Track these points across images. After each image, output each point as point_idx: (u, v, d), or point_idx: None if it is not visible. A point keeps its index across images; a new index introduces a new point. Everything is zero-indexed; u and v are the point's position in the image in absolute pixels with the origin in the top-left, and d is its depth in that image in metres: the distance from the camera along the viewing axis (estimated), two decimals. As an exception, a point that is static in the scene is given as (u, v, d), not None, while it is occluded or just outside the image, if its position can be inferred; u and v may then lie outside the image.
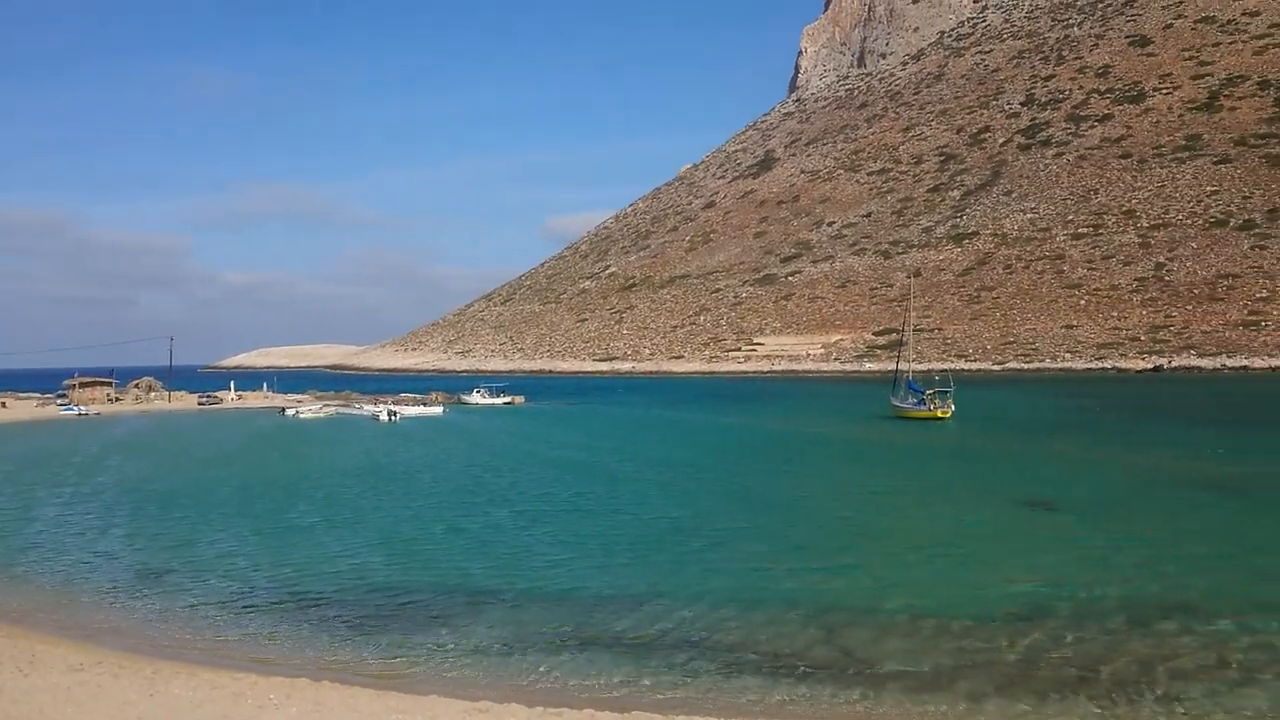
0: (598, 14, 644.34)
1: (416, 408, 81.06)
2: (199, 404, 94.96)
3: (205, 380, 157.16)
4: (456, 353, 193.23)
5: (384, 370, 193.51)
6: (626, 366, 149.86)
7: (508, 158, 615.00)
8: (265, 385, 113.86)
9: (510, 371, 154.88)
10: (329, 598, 19.87)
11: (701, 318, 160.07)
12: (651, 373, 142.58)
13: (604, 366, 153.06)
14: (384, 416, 73.83)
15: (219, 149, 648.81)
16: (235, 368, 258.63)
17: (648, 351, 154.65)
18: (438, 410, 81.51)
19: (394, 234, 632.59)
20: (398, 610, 18.86)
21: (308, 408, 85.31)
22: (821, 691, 14.07)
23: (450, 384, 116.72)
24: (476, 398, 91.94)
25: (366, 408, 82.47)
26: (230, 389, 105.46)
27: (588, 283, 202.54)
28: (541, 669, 15.34)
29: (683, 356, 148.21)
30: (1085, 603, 18.07)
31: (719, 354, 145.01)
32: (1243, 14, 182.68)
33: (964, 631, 16.51)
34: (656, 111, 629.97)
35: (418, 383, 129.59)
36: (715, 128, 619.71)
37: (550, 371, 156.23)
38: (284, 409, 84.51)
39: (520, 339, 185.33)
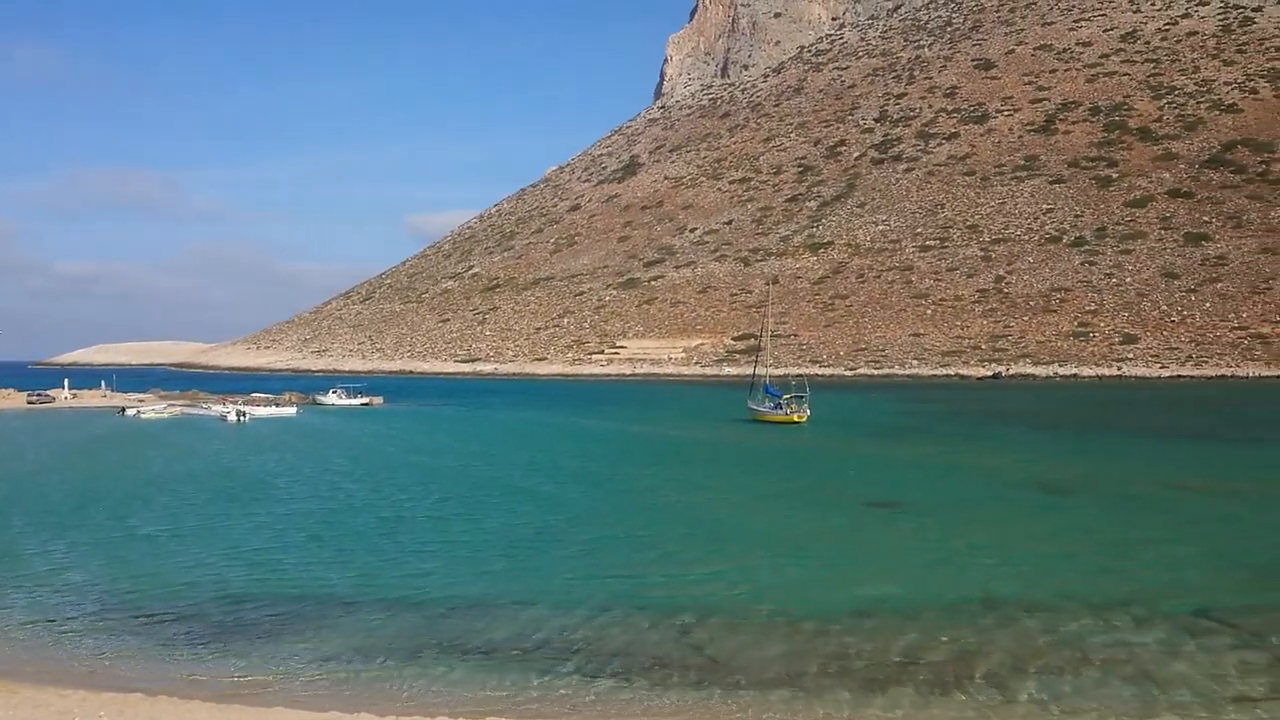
0: (463, 12, 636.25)
1: (268, 408, 78.19)
2: (28, 402, 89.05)
3: (36, 377, 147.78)
4: (312, 352, 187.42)
5: (234, 369, 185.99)
6: (489, 368, 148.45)
7: (366, 153, 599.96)
8: (104, 383, 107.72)
9: (369, 372, 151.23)
10: (171, 610, 19.00)
11: (565, 320, 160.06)
12: (514, 375, 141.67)
13: (466, 368, 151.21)
14: (232, 417, 70.89)
15: (45, 130, 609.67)
16: (71, 364, 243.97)
17: (511, 353, 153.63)
18: (291, 411, 78.85)
19: (244, 228, 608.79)
20: (245, 622, 18.19)
21: (150, 408, 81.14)
22: (678, 695, 14.31)
23: (305, 384, 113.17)
24: (333, 398, 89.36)
25: (214, 408, 79.01)
26: (64, 387, 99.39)
27: (450, 283, 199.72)
28: (396, 679, 15.09)
29: (546, 358, 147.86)
30: (936, 602, 18.89)
31: (582, 356, 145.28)
32: (1077, 43, 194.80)
33: (821, 632, 17.05)
34: (522, 113, 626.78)
35: (271, 382, 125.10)
36: (581, 131, 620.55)
37: (411, 372, 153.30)
38: (124, 409, 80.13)
39: (380, 339, 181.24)
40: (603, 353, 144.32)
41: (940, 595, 19.30)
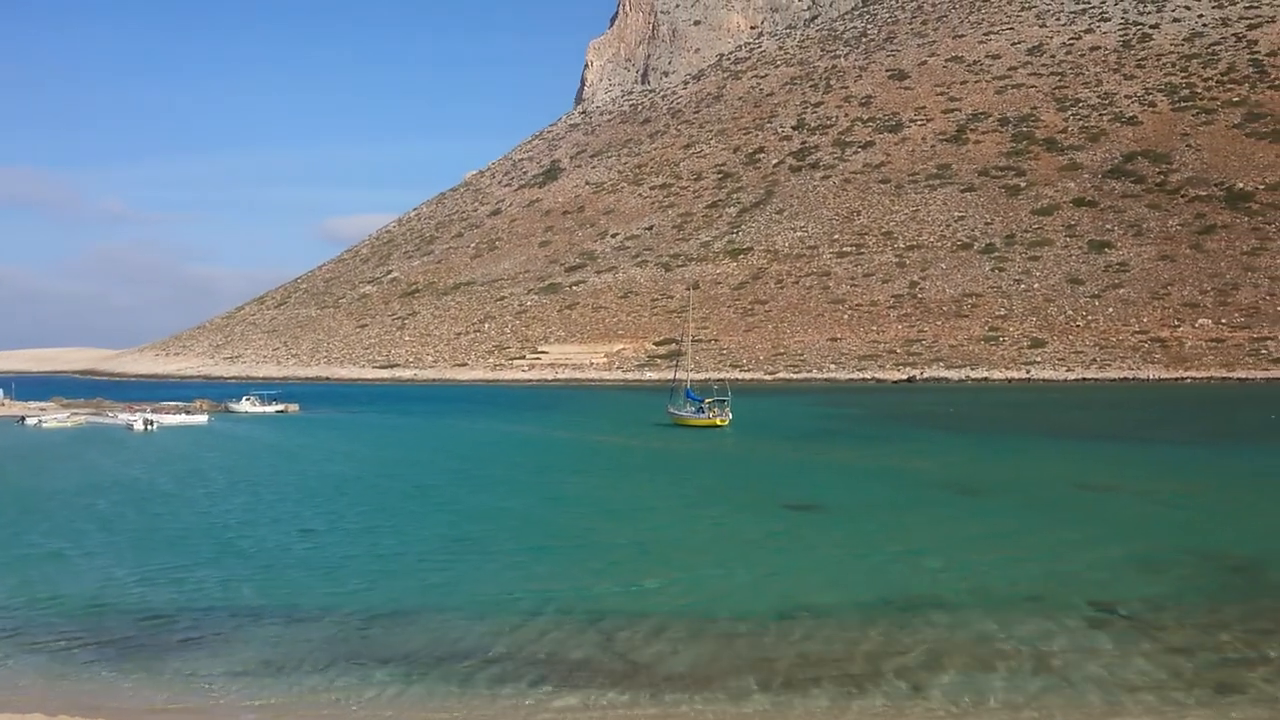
0: (381, 12, 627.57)
1: (178, 416, 75.98)
2: None
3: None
4: (225, 358, 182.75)
5: (143, 376, 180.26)
6: (408, 374, 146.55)
7: (281, 154, 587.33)
8: (1, 390, 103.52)
9: (284, 378, 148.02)
10: (75, 630, 18.36)
11: (486, 325, 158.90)
12: (434, 380, 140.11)
13: (385, 374, 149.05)
14: (140, 426, 68.66)
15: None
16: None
17: (430, 359, 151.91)
18: (202, 419, 76.78)
19: (150, 230, 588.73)
20: (155, 639, 17.69)
21: (53, 416, 78.14)
22: (600, 700, 14.37)
23: (218, 391, 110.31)
24: (246, 406, 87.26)
25: (121, 416, 76.43)
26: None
27: (369, 287, 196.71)
28: (313, 692, 14.86)
29: (466, 364, 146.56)
30: (854, 603, 19.27)
31: (503, 362, 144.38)
32: (986, 56, 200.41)
33: (743, 634, 17.27)
34: (441, 116, 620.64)
35: (182, 390, 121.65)
36: (501, 136, 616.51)
37: (328, 379, 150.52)
38: (23, 417, 77.10)
39: (295, 344, 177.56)
40: (524, 358, 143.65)
41: (858, 596, 19.72)
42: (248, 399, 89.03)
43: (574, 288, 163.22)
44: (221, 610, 19.43)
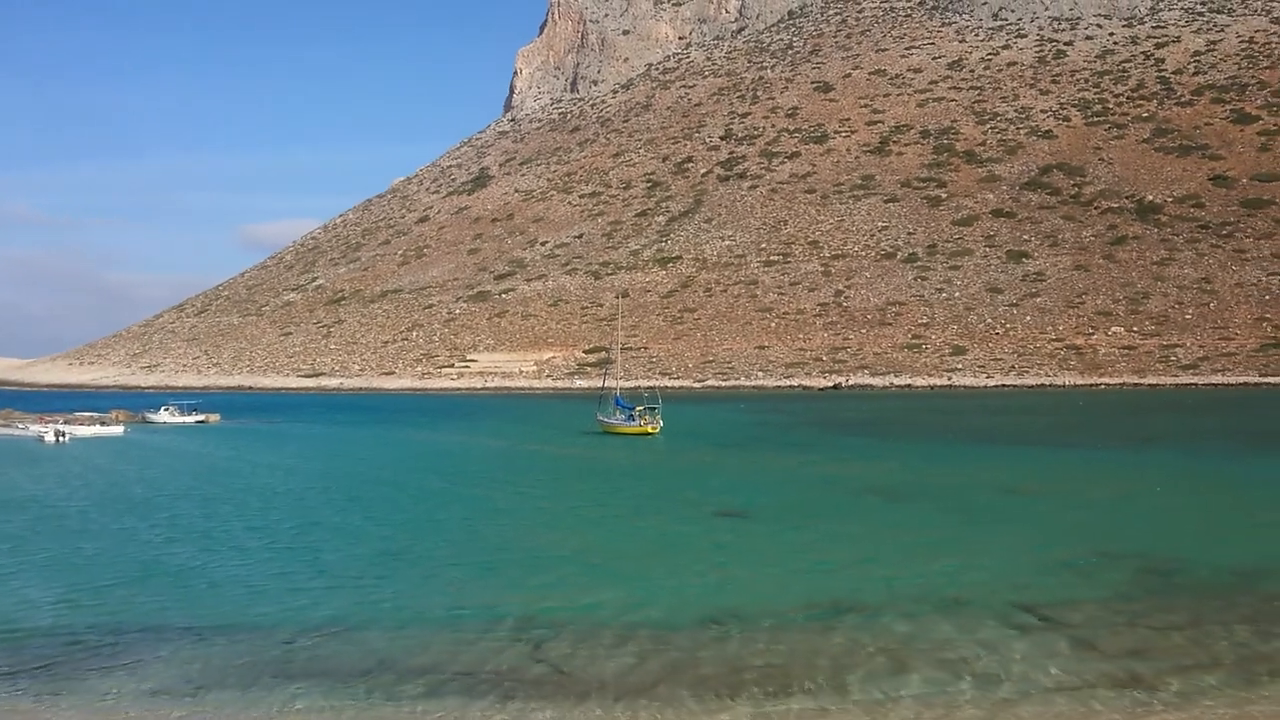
0: (307, 16, 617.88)
1: (92, 427, 73.62)
2: None
3: None
4: (142, 367, 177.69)
5: (56, 386, 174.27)
6: (334, 383, 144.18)
7: (201, 159, 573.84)
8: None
9: (205, 388, 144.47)
10: (-16, 645, 17.78)
11: (414, 333, 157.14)
12: (361, 389, 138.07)
13: (310, 383, 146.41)
14: (50, 438, 66.39)
15: None
16: None
17: (357, 367, 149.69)
18: (118, 430, 74.55)
19: (60, 235, 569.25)
20: (70, 659, 17.17)
21: (-43, 430, 75.23)
22: (527, 709, 14.37)
23: (135, 401, 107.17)
24: (165, 416, 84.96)
25: (31, 427, 73.84)
26: None
27: (293, 295, 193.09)
28: (233, 707, 14.60)
29: (394, 373, 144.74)
30: (781, 607, 19.55)
31: (431, 370, 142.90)
32: (908, 70, 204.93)
33: (670, 641, 17.41)
34: (367, 122, 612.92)
35: (97, 400, 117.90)
36: (428, 142, 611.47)
37: (250, 388, 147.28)
38: (-74, 432, 74.08)
39: (217, 353, 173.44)
40: (453, 366, 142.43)
41: (786, 601, 20.02)
42: (166, 409, 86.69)
43: (503, 296, 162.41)
44: (142, 630, 18.95)
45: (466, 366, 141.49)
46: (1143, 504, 32.69)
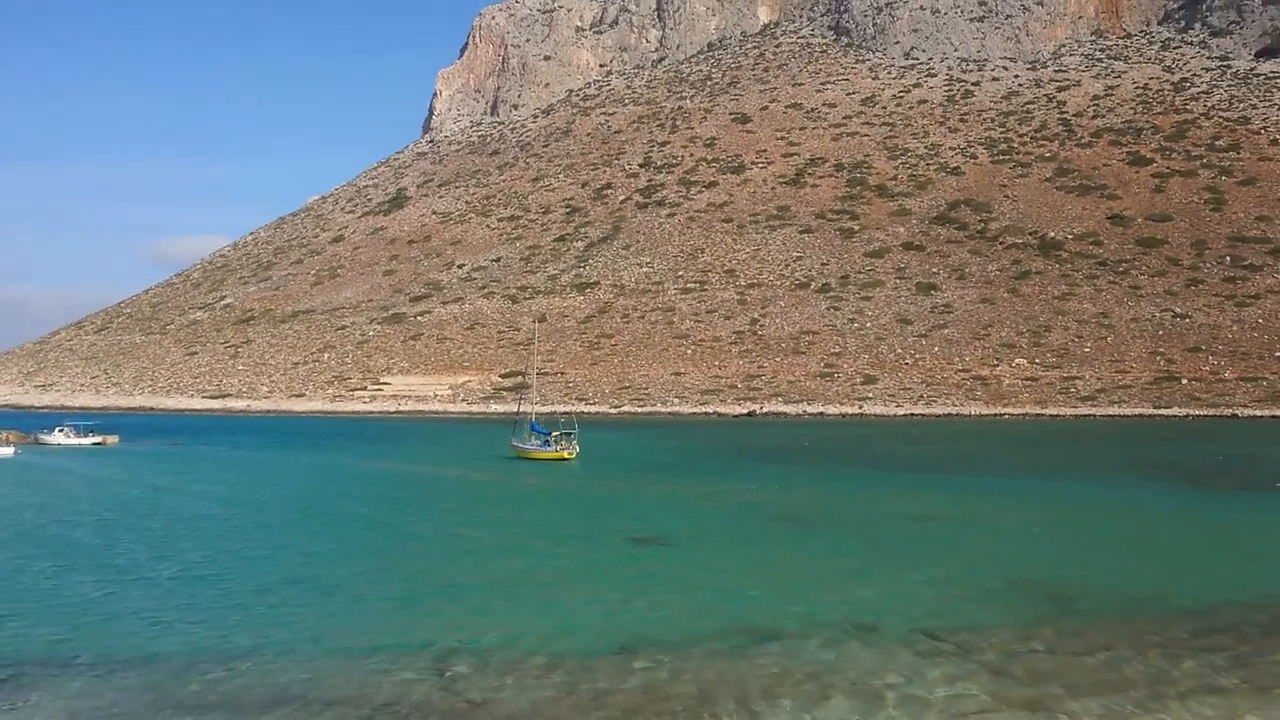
0: (221, 26, 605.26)
1: (-19, 450, 70.32)
2: None
3: None
4: (36, 386, 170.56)
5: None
6: (241, 404, 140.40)
7: (104, 168, 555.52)
8: None
9: (103, 408, 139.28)
10: None
11: (326, 355, 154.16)
12: (269, 411, 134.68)
13: (215, 404, 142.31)
14: (-63, 460, 63.30)
15: None
16: None
17: (265, 389, 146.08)
18: (8, 451, 71.28)
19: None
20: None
21: None
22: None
23: (27, 421, 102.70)
24: (59, 437, 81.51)
25: (-86, 450, 70.18)
26: None
27: (200, 314, 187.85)
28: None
29: (304, 395, 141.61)
30: (694, 634, 19.63)
31: (343, 393, 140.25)
32: (823, 104, 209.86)
33: (585, 670, 17.33)
34: (282, 139, 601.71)
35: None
36: (345, 160, 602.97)
37: (152, 409, 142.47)
38: None
39: (117, 372, 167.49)
40: (365, 389, 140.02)
41: (699, 629, 20.12)
42: (61, 430, 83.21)
43: (419, 318, 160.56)
44: (41, 664, 18.13)
45: (379, 389, 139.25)
46: (1046, 531, 33.74)
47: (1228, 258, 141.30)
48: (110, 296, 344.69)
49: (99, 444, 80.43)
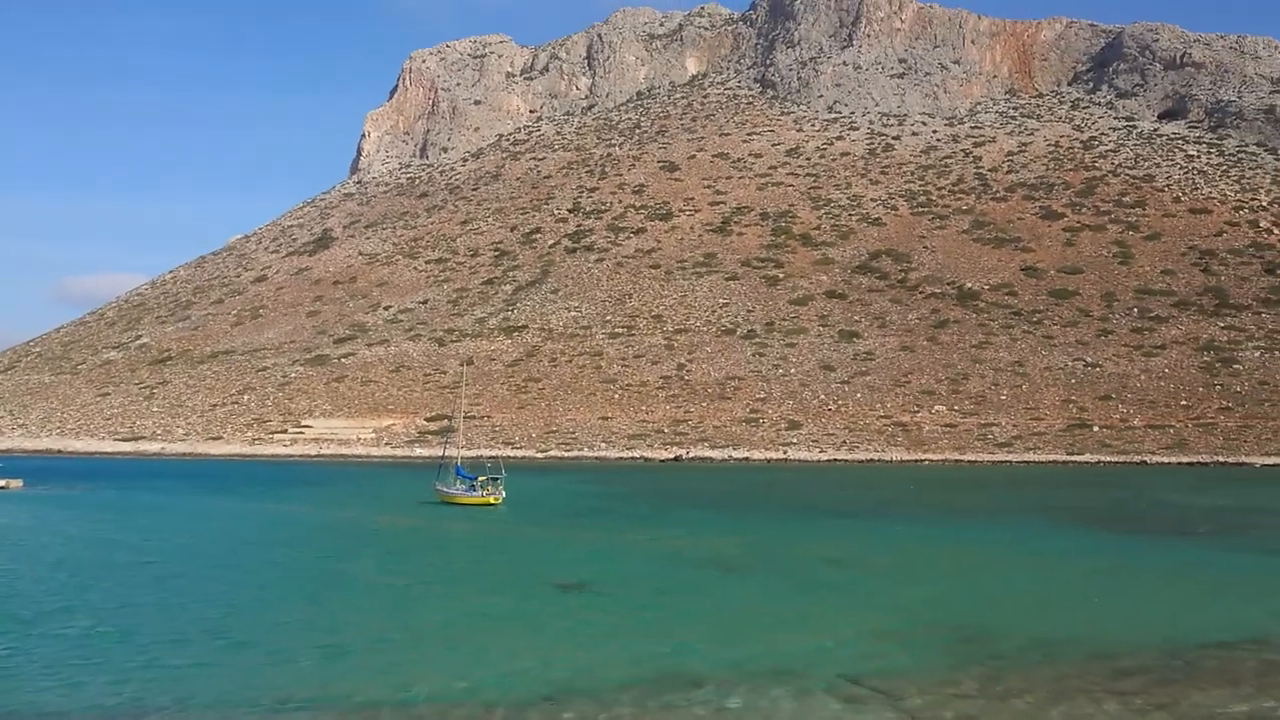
0: (140, 59, 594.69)
1: (-125, 494, 67.06)
2: None
3: None
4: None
5: None
6: (155, 447, 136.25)
7: (11, 203, 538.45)
8: None
9: (7, 451, 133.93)
10: None
11: (245, 397, 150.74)
12: (185, 455, 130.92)
13: (128, 447, 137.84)
14: None
15: None
16: None
17: (181, 431, 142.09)
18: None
19: None
20: None
21: None
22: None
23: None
24: (-42, 483, 78.13)
25: None
26: None
27: (114, 353, 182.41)
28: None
29: (222, 437, 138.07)
30: (617, 681, 19.65)
31: (263, 436, 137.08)
32: (749, 154, 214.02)
33: (505, 716, 17.25)
34: (205, 176, 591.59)
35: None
36: (270, 200, 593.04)
37: (60, 451, 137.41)
38: None
39: (23, 414, 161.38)
40: (286, 432, 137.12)
41: (622, 675, 20.15)
42: (-39, 474, 79.80)
43: (343, 360, 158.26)
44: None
45: (300, 432, 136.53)
46: (964, 577, 34.51)
47: (1135, 309, 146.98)
48: (17, 335, 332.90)
49: (2, 488, 77.34)
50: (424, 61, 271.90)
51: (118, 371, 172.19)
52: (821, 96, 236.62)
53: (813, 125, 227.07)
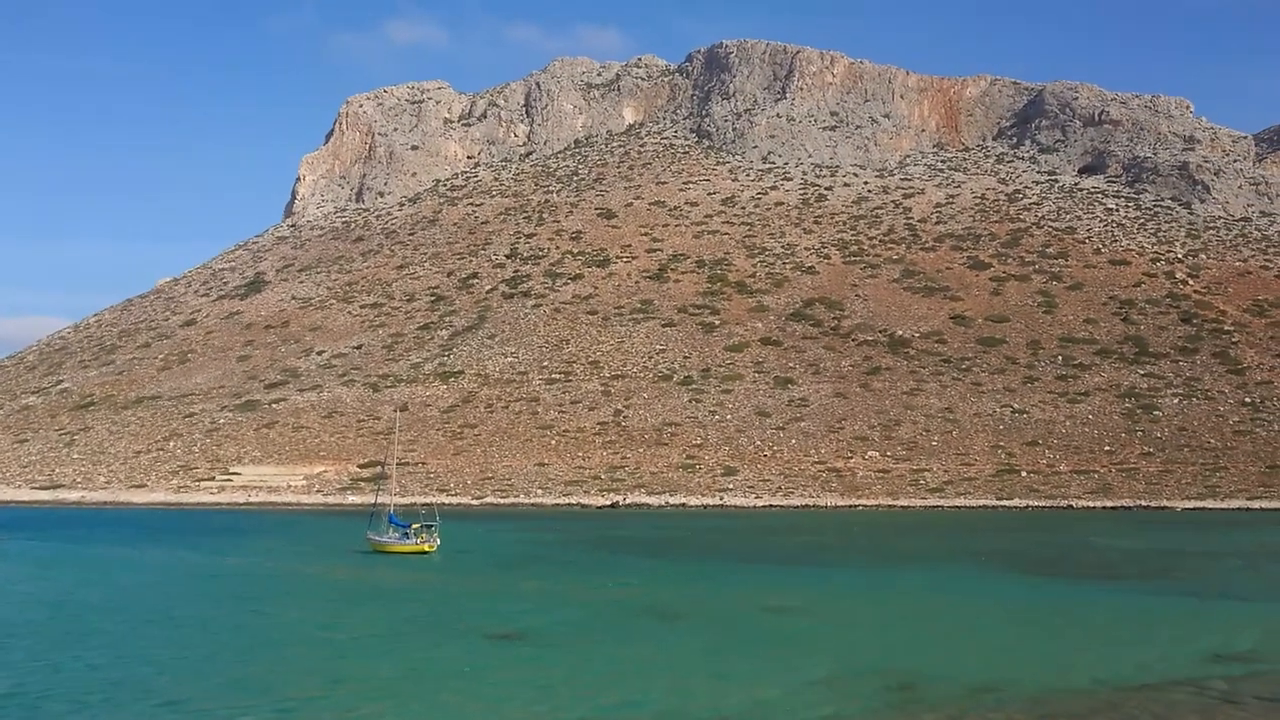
0: (70, 104, 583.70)
1: None
2: None
3: None
4: None
5: None
6: (75, 496, 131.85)
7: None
8: None
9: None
10: None
11: (172, 443, 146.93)
12: (107, 503, 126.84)
13: (46, 495, 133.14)
14: None
15: None
16: None
17: (104, 479, 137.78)
18: None
19: None
20: None
21: None
22: None
23: None
24: None
25: None
26: None
27: (33, 398, 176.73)
28: None
29: (146, 485, 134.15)
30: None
31: (189, 484, 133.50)
32: (685, 203, 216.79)
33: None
34: (132, 218, 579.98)
35: None
36: (199, 243, 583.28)
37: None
38: None
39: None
40: (214, 479, 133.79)
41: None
42: None
43: (274, 405, 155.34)
44: None
45: (229, 480, 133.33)
46: (899, 624, 34.90)
47: (1060, 357, 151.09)
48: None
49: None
50: (361, 106, 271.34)
51: (37, 417, 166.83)
52: (756, 147, 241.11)
53: (747, 175, 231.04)
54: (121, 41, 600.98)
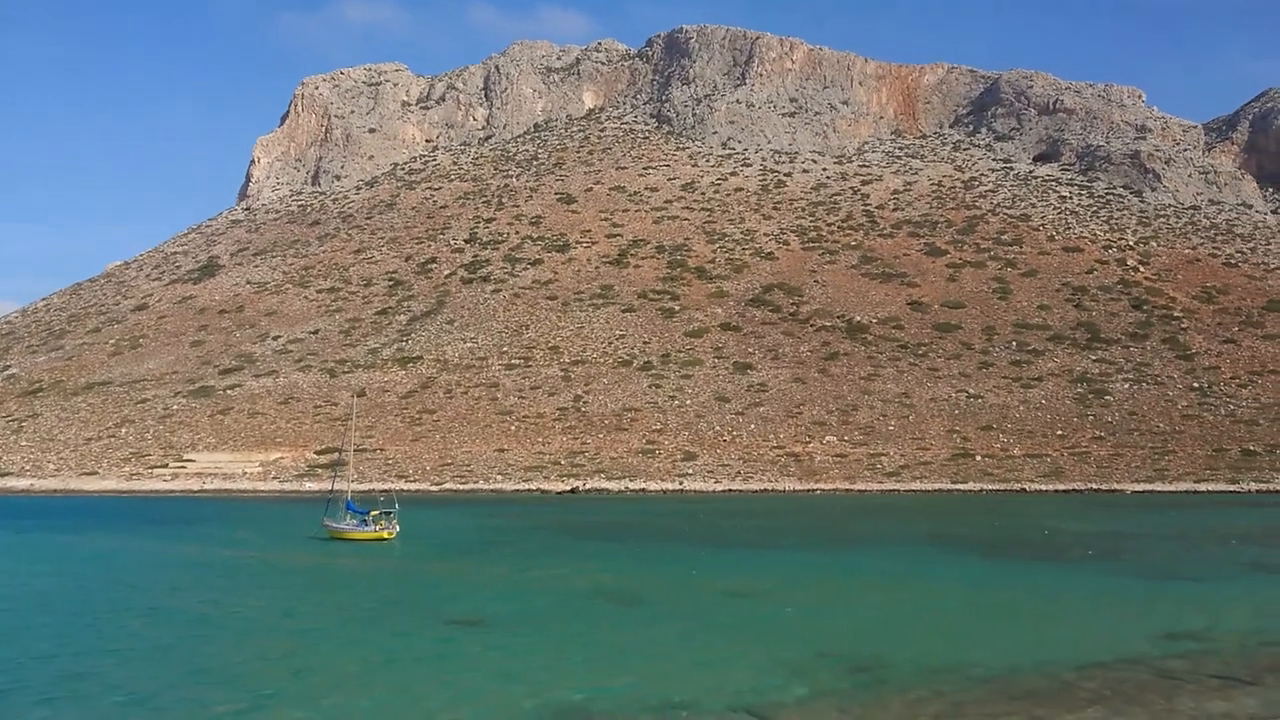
0: (22, 87, 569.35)
1: None
2: None
3: None
4: None
5: None
6: (23, 484, 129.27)
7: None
8: None
9: None
10: None
11: (123, 430, 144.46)
12: (56, 491, 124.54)
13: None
14: None
15: None
16: None
17: (53, 467, 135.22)
18: None
19: None
20: None
21: None
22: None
23: None
24: None
25: None
26: None
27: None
28: None
29: (97, 473, 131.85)
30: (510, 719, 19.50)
31: (141, 471, 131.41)
32: (645, 188, 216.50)
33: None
34: (81, 201, 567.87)
35: None
36: (152, 226, 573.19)
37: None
38: None
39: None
40: (167, 467, 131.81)
41: (517, 714, 19.99)
42: None
43: (229, 391, 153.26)
44: None
45: (182, 467, 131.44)
46: (857, 606, 35.28)
47: (1014, 343, 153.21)
48: None
49: None
50: (317, 88, 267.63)
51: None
52: (716, 133, 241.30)
53: (707, 161, 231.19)
54: (67, 25, 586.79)
